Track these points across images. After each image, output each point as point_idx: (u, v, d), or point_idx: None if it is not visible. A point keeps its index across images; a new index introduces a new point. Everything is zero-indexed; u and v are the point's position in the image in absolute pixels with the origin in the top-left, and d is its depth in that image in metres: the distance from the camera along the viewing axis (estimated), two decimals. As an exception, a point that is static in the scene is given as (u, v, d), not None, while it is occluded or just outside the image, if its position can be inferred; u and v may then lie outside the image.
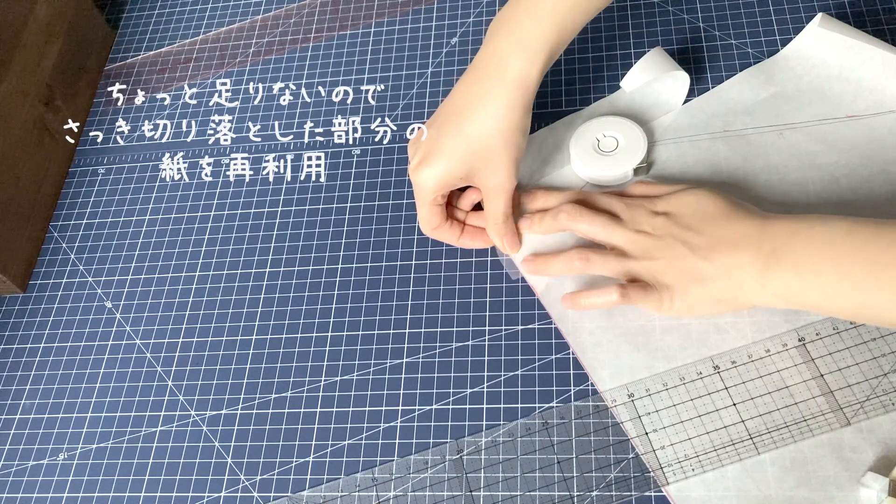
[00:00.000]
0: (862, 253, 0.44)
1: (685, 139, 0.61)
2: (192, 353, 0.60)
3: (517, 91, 0.52)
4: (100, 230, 0.68)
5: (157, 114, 0.74)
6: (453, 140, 0.54)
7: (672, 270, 0.51)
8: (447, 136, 0.54)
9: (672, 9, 0.70)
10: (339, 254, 0.62)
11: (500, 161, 0.54)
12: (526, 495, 0.50)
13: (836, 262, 0.45)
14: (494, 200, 0.56)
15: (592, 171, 0.59)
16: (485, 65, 0.54)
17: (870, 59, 0.59)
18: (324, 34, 0.77)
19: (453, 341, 0.56)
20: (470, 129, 0.53)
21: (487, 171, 0.54)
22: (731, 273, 0.49)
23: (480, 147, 0.53)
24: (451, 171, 0.54)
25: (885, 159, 0.56)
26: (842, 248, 0.45)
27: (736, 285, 0.49)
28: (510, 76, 0.52)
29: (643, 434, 0.50)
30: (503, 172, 0.54)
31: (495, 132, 0.53)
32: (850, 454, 0.47)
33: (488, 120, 0.53)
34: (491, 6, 0.74)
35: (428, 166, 0.54)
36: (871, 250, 0.44)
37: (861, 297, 0.45)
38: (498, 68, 0.53)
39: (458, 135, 0.54)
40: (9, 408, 0.60)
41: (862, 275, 0.44)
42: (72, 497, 0.55)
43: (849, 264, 0.45)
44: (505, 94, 0.52)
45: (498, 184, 0.55)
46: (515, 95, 0.52)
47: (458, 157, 0.54)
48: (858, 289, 0.44)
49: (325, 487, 0.52)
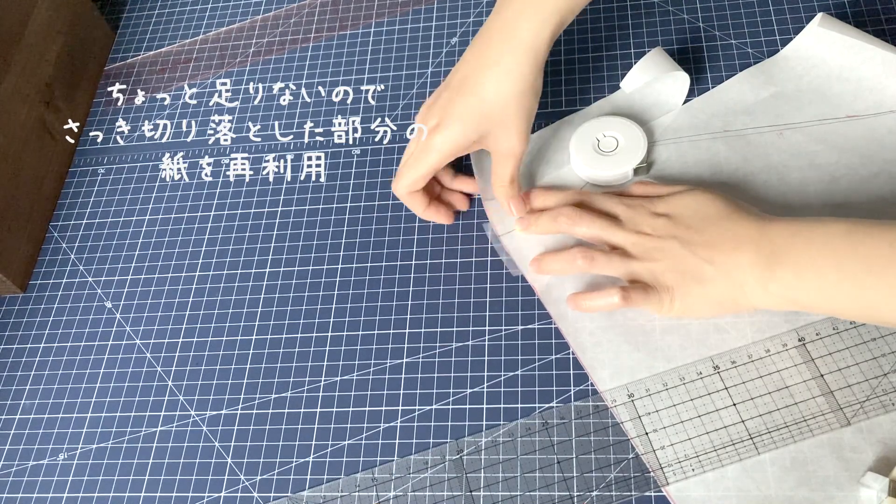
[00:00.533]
0: (862, 253, 0.44)
1: (685, 139, 0.61)
2: (192, 353, 0.60)
3: (529, 53, 0.53)
4: (100, 230, 0.68)
5: (157, 114, 0.74)
6: (467, 103, 0.54)
7: (673, 271, 0.51)
8: (461, 99, 0.54)
9: (672, 9, 0.70)
10: (339, 254, 0.62)
11: (513, 124, 0.54)
12: (526, 495, 0.50)
13: (836, 262, 0.45)
14: (504, 163, 0.56)
15: (592, 171, 0.59)
16: (497, 29, 0.54)
17: (870, 58, 0.59)
18: (324, 34, 0.77)
19: (453, 341, 0.56)
20: (484, 92, 0.53)
21: (500, 135, 0.54)
22: (732, 273, 0.49)
23: (494, 109, 0.53)
24: (466, 134, 0.54)
25: (885, 159, 0.56)
26: (842, 248, 0.45)
27: (736, 286, 0.49)
28: (522, 38, 0.53)
29: (643, 434, 0.50)
30: (515, 136, 0.54)
31: (509, 94, 0.53)
32: (850, 454, 0.47)
33: (502, 82, 0.53)
34: (491, 6, 0.74)
35: (442, 130, 0.54)
36: (871, 251, 0.44)
37: (862, 297, 0.45)
38: (510, 32, 0.53)
39: (472, 97, 0.54)
40: (9, 408, 0.60)
41: (862, 274, 0.44)
42: (72, 497, 0.55)
43: (849, 265, 0.45)
44: (517, 57, 0.53)
45: (509, 148, 0.55)
46: (528, 58, 0.53)
47: (473, 121, 0.54)
48: (859, 289, 0.44)
49: (325, 487, 0.52)
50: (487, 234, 0.60)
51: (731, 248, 0.49)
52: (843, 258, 0.45)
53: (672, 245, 0.51)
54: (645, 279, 0.52)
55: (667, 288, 0.51)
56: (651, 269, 0.51)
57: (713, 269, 0.49)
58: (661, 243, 0.51)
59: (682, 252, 0.50)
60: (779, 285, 0.47)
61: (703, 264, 0.50)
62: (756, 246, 0.48)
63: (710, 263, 0.49)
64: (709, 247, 0.50)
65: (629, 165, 0.59)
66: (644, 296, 0.51)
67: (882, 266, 0.44)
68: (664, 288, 0.51)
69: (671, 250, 0.51)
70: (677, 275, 0.50)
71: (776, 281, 0.47)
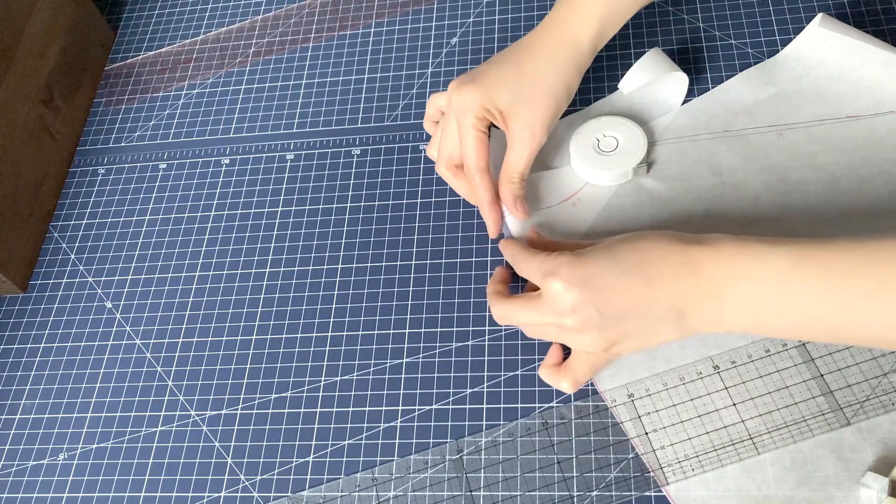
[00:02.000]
0: (815, 285, 0.43)
1: (685, 139, 0.61)
2: (192, 353, 0.60)
3: (571, 48, 0.55)
4: (100, 230, 0.68)
5: (157, 114, 0.74)
6: (505, 69, 0.56)
7: (603, 337, 0.48)
8: (500, 65, 0.56)
9: (672, 9, 0.70)
10: (339, 254, 0.62)
11: (538, 109, 0.55)
12: (526, 495, 0.50)
13: (789, 297, 0.43)
14: (518, 150, 0.56)
15: (592, 171, 0.59)
16: (547, 24, 0.57)
17: (870, 59, 0.59)
18: (324, 34, 0.77)
19: (453, 341, 0.56)
20: (523, 65, 0.55)
21: (523, 115, 0.55)
22: (671, 319, 0.47)
23: (527, 83, 0.55)
24: (495, 94, 0.55)
25: (885, 159, 0.56)
26: (792, 282, 0.43)
27: (682, 328, 0.47)
28: (566, 34, 0.55)
29: (643, 434, 0.50)
30: (537, 121, 0.55)
31: (544, 77, 0.55)
32: (849, 454, 0.47)
33: (541, 64, 0.55)
34: (491, 6, 0.74)
35: (474, 86, 0.55)
36: (823, 281, 0.42)
37: (826, 327, 0.43)
38: (557, 27, 0.56)
39: (512, 66, 0.56)
40: (9, 408, 0.60)
41: (820, 304, 0.42)
42: (72, 497, 0.56)
43: (805, 300, 0.43)
44: (559, 48, 0.55)
45: (528, 134, 0.55)
46: (568, 51, 0.55)
47: (505, 85, 0.55)
48: (817, 319, 0.43)
49: (325, 487, 0.52)
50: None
51: (667, 294, 0.46)
52: (796, 293, 0.43)
53: (593, 314, 0.47)
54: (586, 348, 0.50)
55: (611, 343, 0.48)
56: (584, 342, 0.49)
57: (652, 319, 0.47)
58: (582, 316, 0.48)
59: (603, 322, 0.47)
60: (733, 324, 0.46)
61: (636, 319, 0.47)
62: (695, 290, 0.46)
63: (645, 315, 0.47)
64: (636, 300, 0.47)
65: (629, 165, 0.59)
66: (590, 371, 0.50)
67: (832, 290, 0.42)
68: (609, 344, 0.48)
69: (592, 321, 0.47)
70: (609, 337, 0.48)
71: (725, 318, 0.46)
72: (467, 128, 0.56)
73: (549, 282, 0.48)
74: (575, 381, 0.50)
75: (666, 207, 0.58)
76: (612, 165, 0.59)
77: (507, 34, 0.72)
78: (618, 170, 0.59)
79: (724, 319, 0.46)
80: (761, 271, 0.44)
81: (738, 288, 0.44)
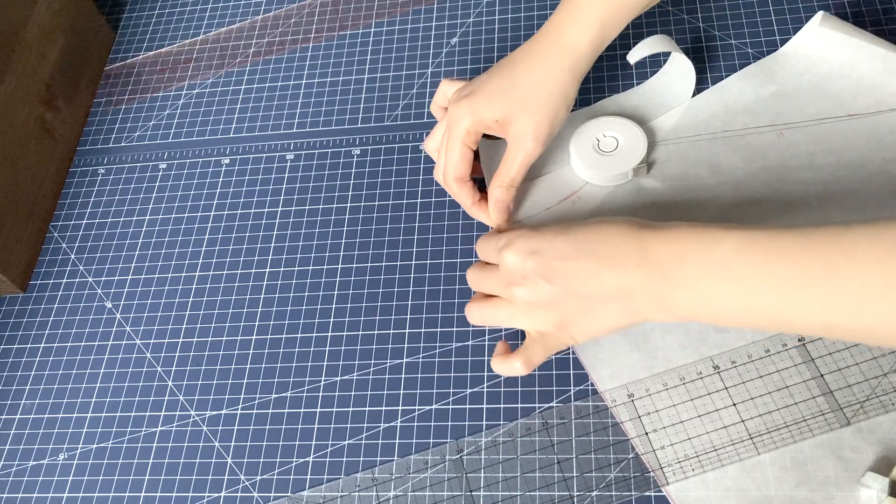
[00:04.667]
0: (761, 268, 0.42)
1: (685, 139, 0.61)
2: (192, 353, 0.60)
3: (568, 55, 0.55)
4: (100, 230, 0.68)
5: (156, 114, 0.74)
6: (500, 82, 0.56)
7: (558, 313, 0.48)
8: (495, 78, 0.56)
9: (672, 9, 0.70)
10: (339, 254, 0.62)
11: (534, 118, 0.55)
12: (526, 495, 0.50)
13: (733, 282, 0.42)
14: (512, 156, 0.56)
15: (592, 171, 0.59)
16: (545, 31, 0.57)
17: (870, 57, 0.59)
18: (324, 34, 0.77)
19: (453, 341, 0.56)
20: (519, 76, 0.55)
21: (520, 123, 0.55)
22: (622, 300, 0.46)
23: (523, 94, 0.55)
24: (491, 108, 0.55)
25: (886, 159, 0.56)
26: (738, 266, 0.42)
27: (633, 313, 0.47)
28: (563, 41, 0.55)
29: (643, 434, 0.50)
30: (533, 131, 0.55)
31: (541, 86, 0.55)
32: (849, 454, 0.47)
33: (538, 73, 0.55)
34: (491, 6, 0.74)
35: (468, 99, 0.56)
36: (771, 264, 0.41)
37: (771, 313, 0.42)
38: (554, 34, 0.56)
39: (507, 79, 0.56)
40: (9, 408, 0.60)
41: (765, 290, 0.42)
42: (72, 497, 0.56)
43: (751, 283, 0.42)
44: (556, 56, 0.55)
45: (523, 142, 0.55)
46: (566, 58, 0.55)
47: (501, 98, 0.55)
48: (762, 303, 0.42)
49: (325, 487, 0.52)
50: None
51: (616, 274, 0.46)
52: (744, 277, 0.42)
53: (542, 286, 0.48)
54: (539, 327, 0.50)
55: (562, 326, 0.49)
56: (534, 317, 0.49)
57: (602, 294, 0.47)
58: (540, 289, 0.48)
59: (551, 295, 0.48)
60: (680, 310, 0.45)
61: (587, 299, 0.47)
62: (643, 271, 0.45)
63: (595, 293, 0.47)
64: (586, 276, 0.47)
65: (629, 165, 0.59)
66: (544, 351, 0.50)
67: (785, 278, 0.41)
68: (560, 327, 0.49)
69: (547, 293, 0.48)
70: (559, 314, 0.48)
71: (673, 303, 0.45)
72: (455, 139, 0.57)
73: (504, 254, 0.49)
74: (528, 361, 0.50)
75: (666, 208, 0.58)
76: (612, 166, 0.59)
77: (507, 34, 0.72)
78: (618, 170, 0.59)
79: (672, 304, 0.45)
80: (708, 255, 0.43)
81: (684, 272, 0.44)
